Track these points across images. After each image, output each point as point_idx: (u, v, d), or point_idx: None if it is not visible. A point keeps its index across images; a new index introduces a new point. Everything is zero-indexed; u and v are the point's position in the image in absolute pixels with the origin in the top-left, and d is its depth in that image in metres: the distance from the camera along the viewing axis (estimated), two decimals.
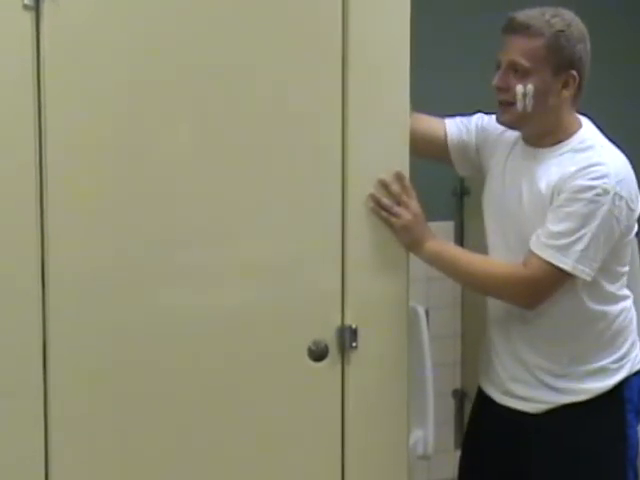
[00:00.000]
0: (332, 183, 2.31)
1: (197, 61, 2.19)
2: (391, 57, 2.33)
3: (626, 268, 2.44)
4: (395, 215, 2.35)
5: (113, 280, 2.17)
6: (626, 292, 2.46)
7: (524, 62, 2.30)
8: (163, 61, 2.17)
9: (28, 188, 2.08)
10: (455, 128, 2.55)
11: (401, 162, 2.35)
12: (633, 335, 2.48)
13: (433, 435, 3.27)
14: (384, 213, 2.34)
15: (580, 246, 2.26)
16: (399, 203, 2.35)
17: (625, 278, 2.45)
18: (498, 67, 2.36)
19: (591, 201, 2.25)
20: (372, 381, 2.39)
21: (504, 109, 2.37)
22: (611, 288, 2.39)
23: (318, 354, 2.32)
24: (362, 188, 2.32)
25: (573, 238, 2.26)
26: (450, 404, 3.75)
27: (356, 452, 2.38)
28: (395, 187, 2.34)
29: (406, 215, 2.35)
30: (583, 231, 2.25)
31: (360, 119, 2.31)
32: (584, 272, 2.28)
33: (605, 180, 2.26)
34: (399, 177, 2.35)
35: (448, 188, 2.61)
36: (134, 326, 2.19)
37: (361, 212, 2.33)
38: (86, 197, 2.13)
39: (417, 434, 3.20)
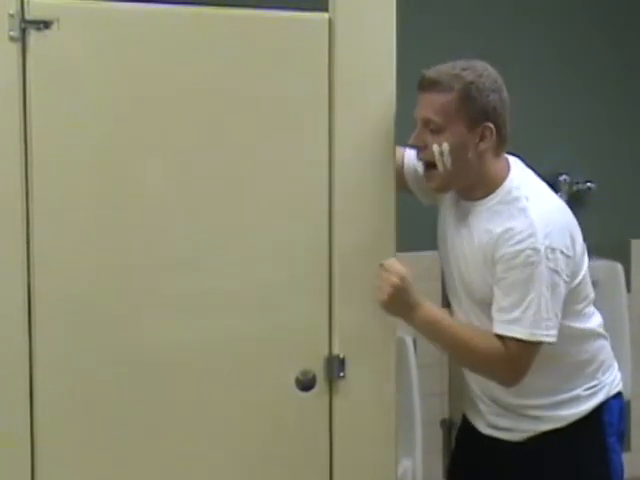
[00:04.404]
0: (319, 213, 2.31)
1: (182, 90, 2.19)
2: (377, 79, 2.34)
3: (583, 304, 2.40)
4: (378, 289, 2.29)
5: (97, 309, 2.16)
6: (590, 325, 2.42)
7: (436, 118, 2.28)
8: (149, 92, 2.17)
9: (14, 215, 2.08)
10: (413, 158, 2.51)
11: (387, 189, 2.36)
12: (607, 362, 2.46)
13: (421, 465, 3.26)
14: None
15: (531, 312, 2.23)
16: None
17: (588, 310, 2.42)
18: (416, 126, 2.35)
19: (525, 265, 2.22)
20: (360, 411, 2.38)
21: (428, 176, 2.36)
22: (575, 324, 2.36)
23: (306, 384, 2.32)
24: (349, 218, 2.33)
25: (523, 307, 2.23)
26: (438, 433, 3.73)
27: None
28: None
29: (387, 288, 2.27)
30: (530, 297, 2.23)
31: (346, 146, 2.31)
32: (543, 335, 2.24)
33: (532, 240, 2.22)
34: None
35: (432, 218, 2.61)
36: (118, 356, 2.19)
37: (348, 242, 2.33)
38: (72, 226, 2.13)
39: (405, 464, 3.20)
